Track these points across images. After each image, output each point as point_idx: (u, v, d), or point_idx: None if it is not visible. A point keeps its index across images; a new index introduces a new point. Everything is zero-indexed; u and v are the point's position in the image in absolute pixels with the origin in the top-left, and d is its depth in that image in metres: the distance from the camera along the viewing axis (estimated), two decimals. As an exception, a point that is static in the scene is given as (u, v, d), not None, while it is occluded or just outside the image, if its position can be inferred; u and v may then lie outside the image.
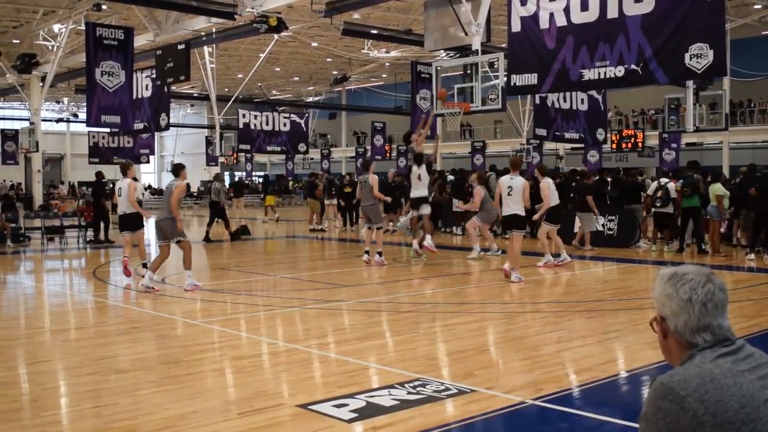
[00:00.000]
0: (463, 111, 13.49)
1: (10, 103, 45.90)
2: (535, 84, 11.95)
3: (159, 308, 8.87)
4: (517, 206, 10.95)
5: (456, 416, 4.74)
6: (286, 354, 6.57)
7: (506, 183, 11.07)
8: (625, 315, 8.52)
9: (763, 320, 7.91)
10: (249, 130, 25.72)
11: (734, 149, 31.19)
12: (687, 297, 1.83)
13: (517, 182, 11.00)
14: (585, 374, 5.79)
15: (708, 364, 1.76)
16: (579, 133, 20.55)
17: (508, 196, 10.98)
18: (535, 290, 10.49)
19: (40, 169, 26.50)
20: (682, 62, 10.11)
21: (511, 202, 10.96)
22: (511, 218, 11.05)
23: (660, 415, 1.72)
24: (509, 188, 10.99)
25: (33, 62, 24.33)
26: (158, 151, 52.74)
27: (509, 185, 11.01)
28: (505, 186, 11.04)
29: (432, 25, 14.80)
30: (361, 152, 36.46)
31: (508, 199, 10.98)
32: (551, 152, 33.76)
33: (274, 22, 18.20)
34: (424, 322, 8.10)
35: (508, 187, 11.00)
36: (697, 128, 20.59)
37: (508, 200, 10.98)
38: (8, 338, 7.50)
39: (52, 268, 14.43)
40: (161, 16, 20.86)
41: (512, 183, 11.00)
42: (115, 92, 18.18)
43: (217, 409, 4.88)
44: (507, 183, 11.06)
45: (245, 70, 34.38)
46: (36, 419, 4.82)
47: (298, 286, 10.97)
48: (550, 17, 11.51)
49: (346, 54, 30.84)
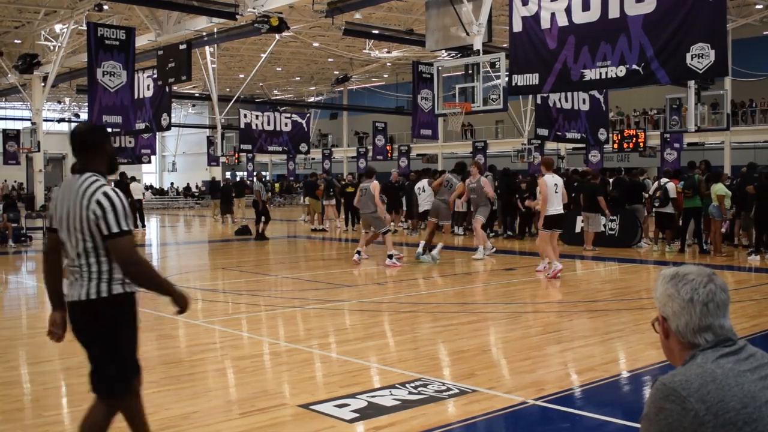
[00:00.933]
0: (464, 111, 13.49)
1: (11, 103, 45.95)
2: (537, 84, 11.95)
3: (160, 308, 8.87)
4: (560, 205, 11.10)
5: (457, 416, 4.74)
6: (288, 354, 6.57)
7: (552, 181, 11.04)
8: (626, 315, 8.52)
9: (764, 320, 7.91)
10: (250, 130, 25.74)
11: (736, 149, 31.18)
12: (688, 297, 1.83)
13: (559, 180, 11.20)
14: (587, 374, 5.78)
15: (710, 365, 1.76)
16: (580, 133, 20.54)
17: (555, 194, 10.99)
18: (537, 290, 10.49)
19: (41, 169, 26.53)
20: (684, 62, 10.10)
21: (557, 201, 11.00)
22: (559, 217, 11.14)
23: (662, 415, 1.72)
24: (555, 186, 11.02)
25: (34, 62, 24.34)
26: (159, 151, 52.76)
27: (555, 183, 11.05)
28: (552, 184, 11.01)
29: (433, 25, 14.79)
30: (362, 152, 36.47)
31: (554, 197, 10.98)
32: (553, 152, 33.77)
33: (275, 22, 18.20)
34: (426, 322, 8.10)
35: (555, 185, 11.01)
36: (699, 128, 20.52)
37: (554, 198, 10.98)
38: (10, 338, 7.51)
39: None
40: (162, 16, 20.88)
41: (557, 181, 11.11)
42: (117, 92, 18.19)
43: (218, 409, 4.88)
44: (553, 181, 11.05)
45: (247, 70, 34.40)
46: (38, 419, 4.83)
47: (300, 286, 10.97)
48: (552, 17, 11.51)
49: (347, 54, 30.84)
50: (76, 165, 3.45)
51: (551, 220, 11.09)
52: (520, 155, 30.58)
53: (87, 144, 3.44)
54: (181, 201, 44.78)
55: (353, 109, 45.80)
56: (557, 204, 11.04)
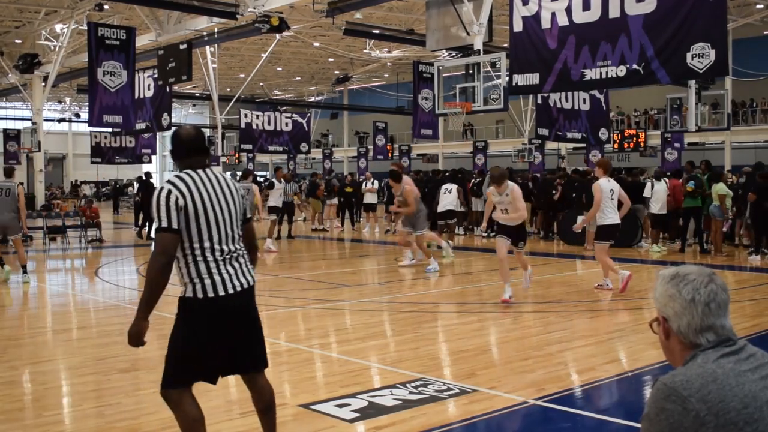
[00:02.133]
0: (465, 111, 13.48)
1: (12, 103, 45.96)
2: (537, 84, 11.94)
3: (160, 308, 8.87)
4: (616, 214, 9.92)
5: (458, 416, 4.74)
6: (288, 354, 6.58)
7: (608, 187, 9.82)
8: (627, 315, 8.52)
9: (764, 320, 7.91)
10: (251, 129, 25.73)
11: (736, 149, 31.18)
12: (690, 297, 1.83)
13: (616, 186, 10.03)
14: (587, 374, 5.79)
15: (710, 365, 1.75)
16: (581, 132, 20.53)
17: (611, 201, 9.80)
18: (537, 290, 10.49)
19: (42, 168, 26.53)
20: (684, 62, 10.10)
21: (613, 209, 9.86)
22: (616, 227, 9.95)
23: (663, 415, 1.71)
24: (611, 191, 9.83)
25: (35, 62, 24.33)
26: (160, 151, 52.61)
27: (611, 188, 9.85)
28: (608, 190, 9.79)
29: (434, 24, 14.79)
30: (363, 152, 36.48)
31: (610, 204, 9.79)
32: (553, 152, 33.78)
33: (275, 22, 18.19)
34: (426, 321, 8.10)
35: (610, 191, 9.82)
36: (699, 128, 20.54)
37: (609, 206, 9.79)
38: (11, 338, 7.52)
39: (54, 268, 14.43)
40: (163, 16, 20.87)
41: (613, 186, 9.92)
42: (117, 92, 18.19)
43: (219, 408, 4.88)
44: (608, 187, 9.83)
45: (247, 70, 34.39)
46: (39, 419, 4.83)
47: (300, 286, 10.97)
48: (552, 17, 11.51)
49: (347, 54, 30.83)
50: (196, 162, 3.54)
51: (607, 230, 9.88)
52: (520, 155, 30.58)
53: (206, 145, 3.71)
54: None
55: (354, 108, 45.81)
56: (613, 213, 9.81)
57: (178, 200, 3.37)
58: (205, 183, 3.49)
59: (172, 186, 3.43)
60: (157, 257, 3.36)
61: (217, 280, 3.44)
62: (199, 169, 3.52)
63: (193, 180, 3.46)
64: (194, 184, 3.45)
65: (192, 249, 3.43)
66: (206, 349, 3.48)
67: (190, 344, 3.49)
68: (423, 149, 40.95)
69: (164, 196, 3.38)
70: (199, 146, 3.60)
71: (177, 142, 3.60)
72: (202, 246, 3.43)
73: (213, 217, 3.45)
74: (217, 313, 3.46)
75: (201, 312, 3.45)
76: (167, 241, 3.37)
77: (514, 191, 8.82)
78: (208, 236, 3.43)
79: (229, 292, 3.45)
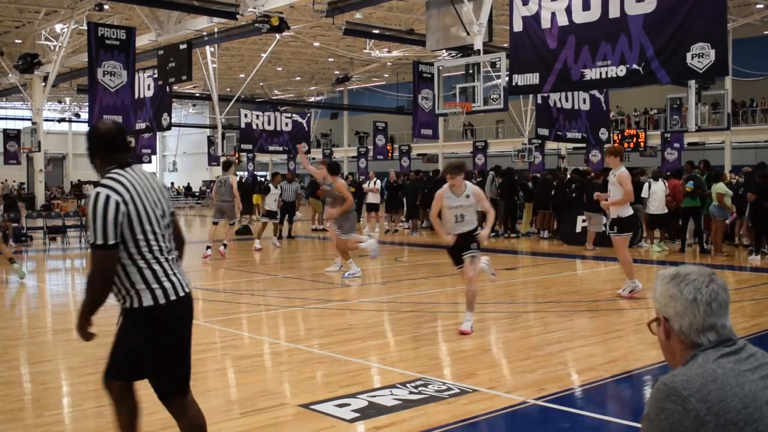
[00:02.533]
0: (465, 111, 13.49)
1: (12, 103, 45.96)
2: (537, 84, 11.94)
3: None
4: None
5: (458, 416, 4.73)
6: (288, 354, 6.58)
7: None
8: (627, 315, 8.52)
9: (764, 320, 7.91)
10: (251, 129, 25.73)
11: (736, 149, 31.18)
12: (692, 297, 1.83)
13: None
14: (587, 374, 5.78)
15: (710, 365, 1.75)
16: (581, 132, 20.53)
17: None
18: (537, 290, 10.49)
19: (42, 168, 26.54)
20: (684, 62, 10.10)
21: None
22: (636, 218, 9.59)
23: (663, 415, 1.71)
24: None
25: (35, 62, 24.36)
26: (160, 151, 52.83)
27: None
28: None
29: (434, 24, 14.79)
30: (363, 152, 36.47)
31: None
32: (553, 152, 33.76)
33: (275, 22, 18.21)
34: (426, 321, 8.10)
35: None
36: (699, 128, 20.52)
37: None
38: (11, 338, 7.52)
39: (54, 268, 14.44)
40: (163, 16, 20.88)
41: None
42: (117, 92, 18.19)
43: (219, 408, 4.88)
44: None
45: (247, 70, 34.39)
46: (39, 419, 4.83)
47: (300, 286, 10.97)
48: (552, 17, 11.51)
49: (347, 54, 30.83)
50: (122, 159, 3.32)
51: (628, 222, 9.52)
52: (520, 155, 30.56)
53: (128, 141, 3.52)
54: (181, 201, 44.81)
55: (354, 108, 45.81)
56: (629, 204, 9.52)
57: (119, 207, 3.11)
58: (140, 182, 3.27)
59: (110, 191, 3.15)
60: (97, 277, 3.16)
61: (174, 281, 3.28)
62: (126, 167, 3.29)
63: (129, 180, 3.22)
64: (131, 185, 3.21)
65: (141, 255, 3.20)
66: (173, 353, 3.36)
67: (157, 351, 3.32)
68: (423, 149, 40.95)
69: (102, 204, 3.09)
70: (124, 142, 3.36)
71: (98, 138, 3.31)
72: (151, 249, 3.23)
73: (154, 218, 3.26)
74: (180, 315, 3.34)
75: (167, 316, 3.28)
76: (105, 258, 3.13)
77: (476, 193, 7.37)
78: (154, 239, 3.24)
79: (180, 295, 3.30)
